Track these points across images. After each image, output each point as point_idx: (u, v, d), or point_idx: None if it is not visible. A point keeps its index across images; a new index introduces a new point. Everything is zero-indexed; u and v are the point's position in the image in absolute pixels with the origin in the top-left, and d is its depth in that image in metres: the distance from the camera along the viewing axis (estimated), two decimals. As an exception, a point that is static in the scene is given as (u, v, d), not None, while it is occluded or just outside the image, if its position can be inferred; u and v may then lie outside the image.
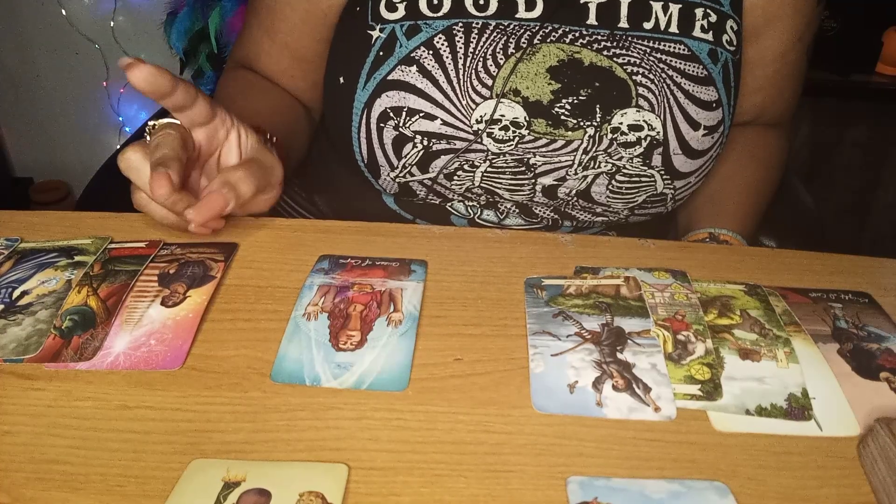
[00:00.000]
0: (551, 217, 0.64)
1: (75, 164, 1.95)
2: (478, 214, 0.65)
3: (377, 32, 0.57)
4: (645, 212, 0.63)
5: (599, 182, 0.60)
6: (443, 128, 0.57)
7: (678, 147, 0.58)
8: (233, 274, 0.47)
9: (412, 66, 0.56)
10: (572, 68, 0.56)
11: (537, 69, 0.56)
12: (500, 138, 0.57)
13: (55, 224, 0.52)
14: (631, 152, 0.57)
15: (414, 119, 0.57)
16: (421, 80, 0.56)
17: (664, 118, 0.57)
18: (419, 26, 0.56)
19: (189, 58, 0.89)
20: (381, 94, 0.57)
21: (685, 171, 0.60)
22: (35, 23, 1.77)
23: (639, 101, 0.56)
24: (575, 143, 0.57)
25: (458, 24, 0.56)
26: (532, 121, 0.57)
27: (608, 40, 0.56)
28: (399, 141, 0.58)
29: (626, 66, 0.56)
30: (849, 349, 0.42)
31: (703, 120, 0.58)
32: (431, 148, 0.58)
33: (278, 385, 0.38)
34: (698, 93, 0.57)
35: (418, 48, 0.56)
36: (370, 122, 0.58)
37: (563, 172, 0.59)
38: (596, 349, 0.41)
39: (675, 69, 0.57)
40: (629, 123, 0.56)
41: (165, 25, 0.89)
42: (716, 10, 0.58)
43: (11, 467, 0.33)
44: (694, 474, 0.34)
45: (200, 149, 0.50)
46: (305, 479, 0.32)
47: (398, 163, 0.60)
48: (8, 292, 0.44)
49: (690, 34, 0.57)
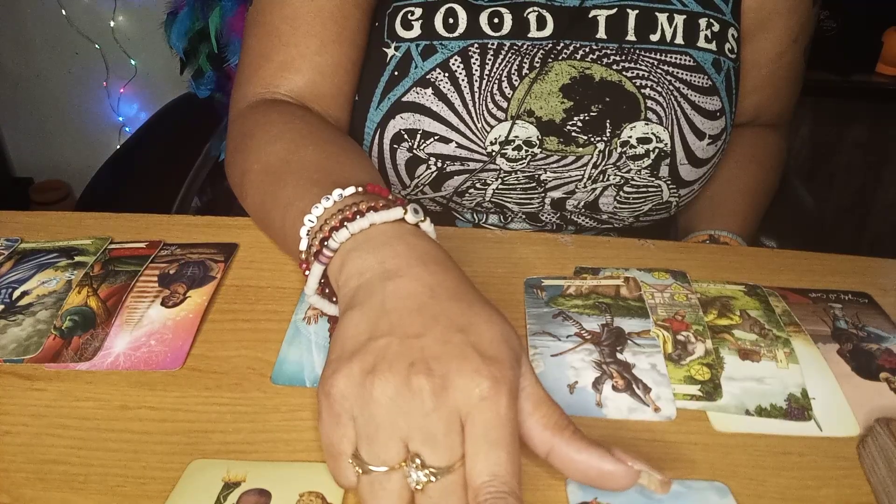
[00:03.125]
0: (556, 223, 0.64)
1: (75, 164, 1.94)
2: (483, 220, 0.65)
3: (392, 50, 0.56)
4: (649, 219, 0.63)
5: (608, 194, 0.60)
6: (457, 150, 0.57)
7: (685, 157, 0.58)
8: (233, 274, 0.47)
9: (428, 89, 0.56)
10: (584, 85, 0.56)
11: (550, 88, 0.56)
12: (512, 157, 0.57)
13: (55, 224, 0.52)
14: (639, 164, 0.58)
15: (429, 142, 0.56)
16: (436, 104, 0.56)
17: (671, 130, 0.57)
18: (435, 47, 0.56)
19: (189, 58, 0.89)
20: (395, 115, 0.57)
21: (690, 179, 0.60)
22: (35, 23, 1.77)
23: (647, 115, 0.56)
24: (585, 159, 0.57)
25: (474, 45, 0.56)
26: (544, 139, 0.57)
27: (617, 54, 0.56)
28: (412, 162, 0.58)
29: (634, 80, 0.56)
30: (849, 349, 0.42)
31: (707, 129, 0.58)
32: (445, 169, 0.58)
33: (279, 386, 0.38)
34: (703, 103, 0.58)
35: (434, 70, 0.56)
36: (383, 142, 0.58)
37: (572, 186, 0.59)
38: (596, 349, 0.41)
39: (682, 80, 0.57)
40: (638, 137, 0.57)
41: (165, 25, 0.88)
42: (718, 19, 0.58)
43: (11, 467, 0.33)
44: (694, 474, 0.34)
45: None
46: (305, 479, 0.32)
47: (410, 182, 0.60)
48: (8, 293, 0.44)
49: (695, 45, 0.57)
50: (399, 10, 0.57)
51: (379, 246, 0.35)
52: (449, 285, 0.33)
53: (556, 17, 0.57)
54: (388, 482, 0.29)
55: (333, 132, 0.52)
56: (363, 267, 0.34)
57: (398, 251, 0.34)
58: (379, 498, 0.29)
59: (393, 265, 0.34)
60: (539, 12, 0.57)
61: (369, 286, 0.33)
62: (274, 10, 0.55)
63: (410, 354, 0.29)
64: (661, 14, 0.57)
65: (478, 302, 0.33)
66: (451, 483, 0.28)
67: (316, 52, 0.54)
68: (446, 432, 0.28)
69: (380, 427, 0.29)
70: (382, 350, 0.30)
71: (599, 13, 0.57)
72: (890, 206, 1.73)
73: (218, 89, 0.86)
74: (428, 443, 0.28)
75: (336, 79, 0.56)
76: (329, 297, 0.39)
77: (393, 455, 0.29)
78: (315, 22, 0.54)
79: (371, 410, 0.29)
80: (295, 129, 0.50)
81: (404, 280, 0.33)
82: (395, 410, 0.28)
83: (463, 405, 0.29)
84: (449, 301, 0.32)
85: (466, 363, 0.29)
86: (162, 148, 0.92)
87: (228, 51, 0.81)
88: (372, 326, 0.31)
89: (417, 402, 0.28)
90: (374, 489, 0.29)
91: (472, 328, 0.31)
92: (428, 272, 0.33)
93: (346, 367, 0.30)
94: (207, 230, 0.52)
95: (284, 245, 0.45)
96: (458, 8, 0.56)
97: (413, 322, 0.31)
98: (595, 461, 0.30)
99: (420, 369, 0.29)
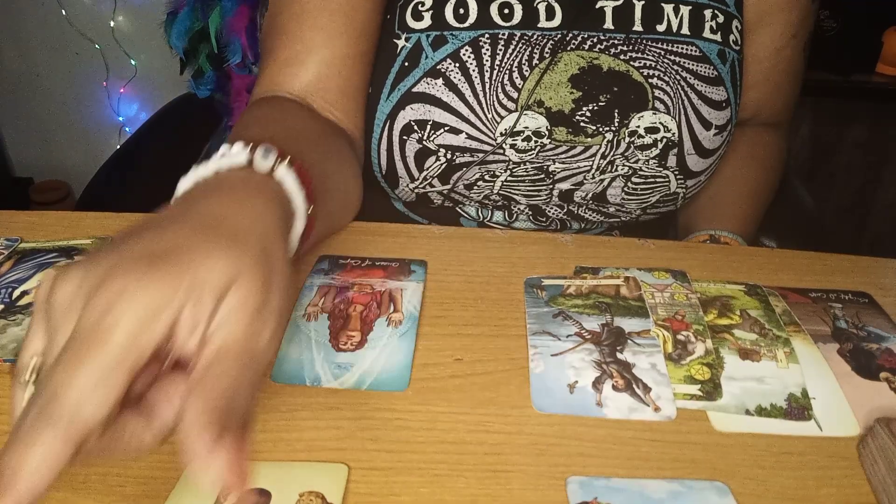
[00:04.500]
0: (561, 218, 0.64)
1: (75, 164, 1.95)
2: (488, 218, 0.65)
3: (402, 41, 0.56)
4: (657, 211, 0.63)
5: (615, 185, 0.60)
6: (468, 141, 0.57)
7: (692, 147, 0.58)
8: (233, 274, 0.47)
9: (438, 79, 0.56)
10: (592, 75, 0.56)
11: (560, 79, 0.56)
12: (521, 148, 0.57)
13: (55, 224, 0.52)
14: (647, 154, 0.58)
15: (439, 133, 0.56)
16: (447, 94, 0.56)
17: (679, 119, 0.57)
18: (445, 37, 0.56)
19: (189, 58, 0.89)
20: (405, 106, 0.56)
21: (697, 170, 0.60)
22: (35, 23, 1.77)
23: (655, 104, 0.57)
24: (593, 149, 0.58)
25: (485, 36, 0.56)
26: (553, 129, 0.57)
27: (624, 44, 0.57)
28: (422, 154, 0.58)
29: (642, 70, 0.56)
30: (849, 349, 0.42)
31: (714, 119, 0.58)
32: (455, 161, 0.58)
33: (278, 385, 0.38)
34: (710, 93, 0.58)
35: (444, 60, 0.55)
36: (392, 134, 0.58)
37: (580, 177, 0.59)
38: (596, 349, 0.41)
39: (689, 70, 0.57)
40: (646, 126, 0.57)
41: (165, 25, 0.88)
42: (723, 10, 0.59)
43: (11, 467, 0.33)
44: (694, 474, 0.34)
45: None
46: (305, 479, 0.32)
47: (419, 175, 0.60)
48: (8, 292, 0.44)
49: (701, 35, 0.58)
50: (410, 1, 0.57)
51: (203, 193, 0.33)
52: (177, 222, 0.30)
53: (565, 7, 0.57)
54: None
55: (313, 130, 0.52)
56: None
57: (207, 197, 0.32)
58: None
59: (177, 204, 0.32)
60: (548, 2, 0.57)
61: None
62: (283, 10, 0.55)
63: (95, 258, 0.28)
64: (667, 5, 0.57)
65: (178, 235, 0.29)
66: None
67: (322, 44, 0.54)
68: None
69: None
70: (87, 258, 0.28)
71: (606, 4, 0.57)
72: (890, 206, 1.73)
73: (218, 89, 0.86)
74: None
75: (344, 70, 0.55)
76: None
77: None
78: (321, 15, 0.54)
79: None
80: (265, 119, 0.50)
81: (165, 210, 0.31)
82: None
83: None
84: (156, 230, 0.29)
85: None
86: (162, 148, 0.92)
87: (228, 51, 0.81)
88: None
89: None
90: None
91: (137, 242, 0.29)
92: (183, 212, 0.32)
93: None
94: (207, 230, 0.52)
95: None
96: None
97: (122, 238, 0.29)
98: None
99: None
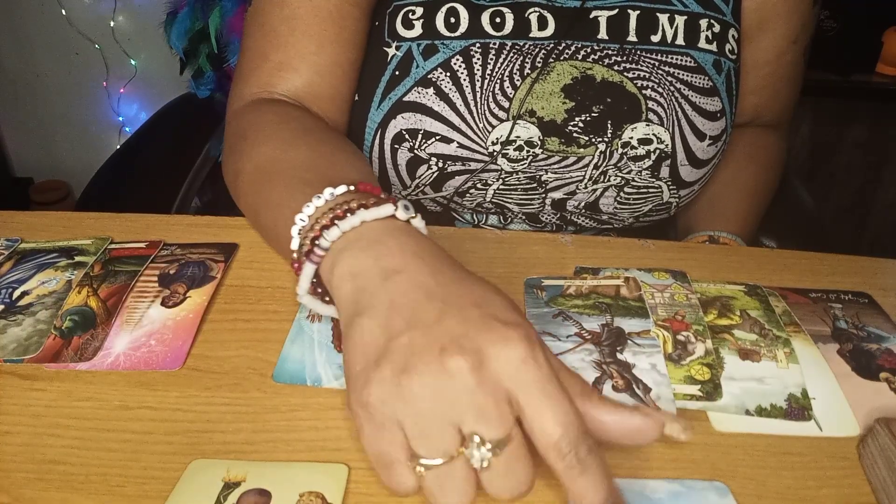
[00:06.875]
0: (556, 223, 0.64)
1: (75, 164, 1.95)
2: (483, 222, 0.65)
3: (393, 50, 0.56)
4: (649, 219, 0.63)
5: (608, 194, 0.60)
6: (459, 150, 0.57)
7: (685, 158, 0.58)
8: (233, 274, 0.47)
9: (429, 89, 0.56)
10: (585, 85, 0.56)
11: (552, 88, 0.56)
12: (514, 158, 0.57)
13: (55, 224, 0.52)
14: (640, 165, 0.58)
15: (430, 142, 0.56)
16: (438, 103, 0.56)
17: (672, 131, 0.57)
18: (436, 46, 0.56)
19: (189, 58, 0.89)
20: (396, 115, 0.56)
21: (690, 180, 0.60)
22: (35, 23, 1.77)
23: (648, 116, 0.56)
24: (586, 160, 0.57)
25: (476, 45, 0.56)
26: (546, 139, 0.57)
27: (618, 55, 0.56)
28: (413, 162, 0.58)
29: (636, 81, 0.56)
30: (849, 349, 0.42)
31: (708, 130, 0.58)
32: (446, 170, 0.58)
33: (278, 385, 0.38)
34: (704, 104, 0.58)
35: (435, 69, 0.55)
36: (384, 142, 0.58)
37: (573, 187, 0.59)
38: (596, 350, 0.41)
39: (683, 81, 0.57)
40: (639, 137, 0.57)
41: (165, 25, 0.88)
42: (719, 19, 0.58)
43: (11, 467, 0.33)
44: (694, 474, 0.34)
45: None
46: (305, 479, 0.32)
47: (411, 183, 0.60)
48: (8, 293, 0.44)
49: (696, 46, 0.57)
50: (400, 9, 0.57)
51: (371, 244, 0.34)
52: (448, 271, 0.33)
53: (558, 17, 0.57)
54: (454, 471, 0.28)
55: (328, 132, 0.52)
56: (356, 267, 0.34)
57: (391, 248, 0.34)
58: (448, 489, 0.29)
59: (389, 263, 0.33)
60: (540, 12, 0.57)
61: (369, 289, 0.33)
62: (273, 10, 0.55)
63: (437, 340, 0.29)
64: (662, 15, 0.57)
65: (478, 280, 0.33)
66: (514, 450, 0.28)
67: (314, 52, 0.54)
68: (496, 403, 0.28)
69: (430, 420, 0.28)
70: (407, 346, 0.30)
71: (601, 14, 0.57)
72: (890, 206, 1.73)
73: (218, 89, 0.86)
74: (482, 419, 0.28)
75: (334, 79, 0.55)
76: (321, 296, 0.38)
77: (450, 443, 0.28)
78: (313, 22, 0.54)
79: (416, 407, 0.28)
80: (288, 129, 0.50)
81: (404, 275, 0.33)
82: (440, 399, 0.28)
83: (504, 373, 0.29)
84: (454, 284, 0.32)
85: (494, 333, 0.29)
86: (162, 148, 0.92)
87: (228, 51, 0.81)
88: (387, 328, 0.31)
89: (459, 383, 0.28)
90: (442, 482, 0.29)
91: (485, 301, 0.31)
92: (425, 263, 0.33)
93: (377, 374, 0.29)
94: (207, 230, 0.52)
95: (277, 245, 0.45)
96: (460, 7, 0.56)
97: (428, 310, 0.31)
98: (626, 420, 0.31)
99: (452, 351, 0.29)
